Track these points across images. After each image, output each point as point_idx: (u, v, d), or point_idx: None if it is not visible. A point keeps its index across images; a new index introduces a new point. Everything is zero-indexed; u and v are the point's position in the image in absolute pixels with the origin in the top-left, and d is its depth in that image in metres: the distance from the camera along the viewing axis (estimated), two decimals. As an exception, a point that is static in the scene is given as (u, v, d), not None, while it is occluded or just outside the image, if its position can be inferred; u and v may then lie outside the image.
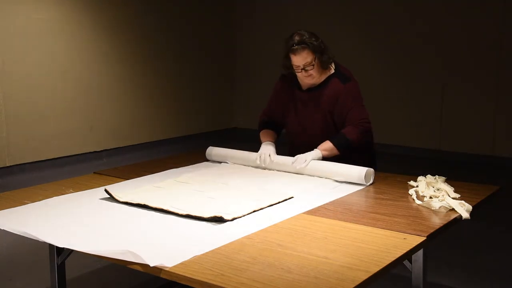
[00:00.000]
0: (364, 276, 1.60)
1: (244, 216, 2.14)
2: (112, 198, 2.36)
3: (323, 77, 2.94)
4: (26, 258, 3.68)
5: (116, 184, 2.65)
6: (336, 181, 2.64)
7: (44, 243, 2.01)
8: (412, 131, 6.78)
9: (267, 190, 2.49)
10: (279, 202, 2.32)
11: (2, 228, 2.06)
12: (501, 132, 6.21)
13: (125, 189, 2.50)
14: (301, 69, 2.86)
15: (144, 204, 2.25)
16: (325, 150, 2.83)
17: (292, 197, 2.40)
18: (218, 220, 2.07)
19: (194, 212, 2.14)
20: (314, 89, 2.96)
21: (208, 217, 2.08)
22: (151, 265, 1.67)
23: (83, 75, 6.28)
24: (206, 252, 1.77)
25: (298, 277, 1.60)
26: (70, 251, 2.29)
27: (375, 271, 1.64)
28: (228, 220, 2.08)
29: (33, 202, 2.36)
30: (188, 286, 1.63)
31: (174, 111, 7.36)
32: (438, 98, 6.55)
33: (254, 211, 2.19)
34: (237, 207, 2.21)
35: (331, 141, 2.84)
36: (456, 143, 6.49)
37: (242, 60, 8.09)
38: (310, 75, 2.87)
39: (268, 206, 2.26)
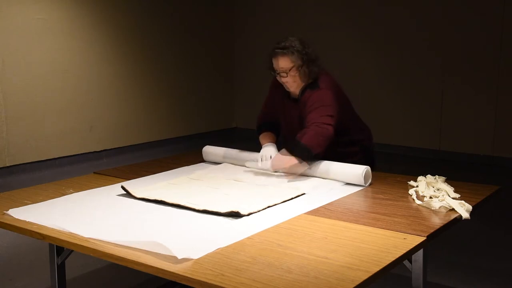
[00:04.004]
0: (364, 276, 1.60)
1: (259, 211, 2.20)
2: (128, 194, 2.42)
3: (300, 88, 2.89)
4: (26, 258, 3.68)
5: (130, 181, 2.69)
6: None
7: (43, 243, 2.01)
8: (412, 131, 6.78)
9: (280, 187, 2.53)
10: (292, 198, 2.37)
11: (28, 220, 2.11)
12: (501, 132, 6.21)
13: (140, 186, 2.55)
14: (277, 74, 2.84)
15: (161, 200, 2.30)
16: (288, 167, 2.64)
17: (304, 193, 2.45)
18: (235, 215, 2.13)
19: (211, 207, 2.19)
20: (295, 100, 2.93)
21: (225, 212, 2.14)
22: (179, 257, 1.71)
23: (83, 75, 6.28)
24: (207, 252, 1.77)
25: (298, 277, 1.60)
26: (70, 251, 2.30)
27: (375, 271, 1.64)
28: (244, 215, 2.13)
29: (35, 202, 2.36)
30: (188, 286, 1.63)
31: (174, 111, 7.37)
32: (438, 98, 6.55)
33: (269, 207, 2.25)
34: (252, 203, 2.26)
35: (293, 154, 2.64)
36: (456, 143, 6.49)
37: (242, 60, 8.09)
38: (286, 82, 2.84)
39: (282, 202, 2.32)
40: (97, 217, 2.16)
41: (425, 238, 1.90)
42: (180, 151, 5.94)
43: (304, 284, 1.55)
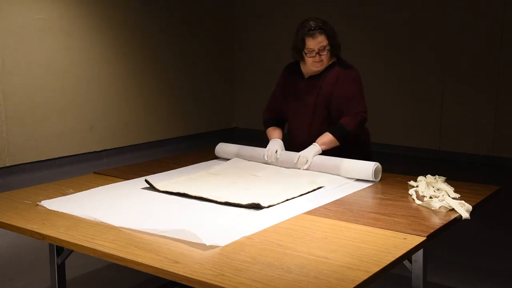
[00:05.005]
0: (364, 276, 1.60)
1: (278, 204, 2.28)
2: (152, 188, 2.50)
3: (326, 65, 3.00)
4: (26, 258, 3.68)
5: (152, 175, 2.76)
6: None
7: (44, 243, 2.01)
8: (412, 131, 6.78)
9: (298, 181, 2.59)
10: (309, 192, 2.44)
11: (61, 211, 2.21)
12: (501, 132, 6.21)
13: (161, 180, 2.62)
14: (316, 53, 2.91)
15: (184, 193, 2.39)
16: (324, 144, 2.85)
17: (322, 187, 2.51)
18: (256, 206, 2.21)
19: (232, 199, 2.28)
20: (316, 77, 3.00)
21: (246, 204, 2.23)
22: (207, 244, 1.80)
23: (83, 75, 6.28)
24: (207, 252, 1.77)
25: (298, 277, 1.60)
26: (70, 251, 2.30)
27: (375, 271, 1.64)
28: (265, 207, 2.21)
29: (35, 202, 2.36)
30: (188, 286, 1.63)
31: (174, 111, 7.37)
32: (438, 98, 6.55)
33: (287, 200, 2.33)
34: (271, 196, 2.34)
35: (331, 133, 2.87)
36: (456, 143, 6.48)
37: (242, 60, 8.09)
38: (322, 60, 2.93)
39: (300, 195, 2.39)
40: (126, 207, 2.25)
41: (425, 238, 1.90)
42: (180, 151, 5.94)
43: (304, 284, 1.55)
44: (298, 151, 2.86)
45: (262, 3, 7.82)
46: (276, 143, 2.99)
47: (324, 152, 2.85)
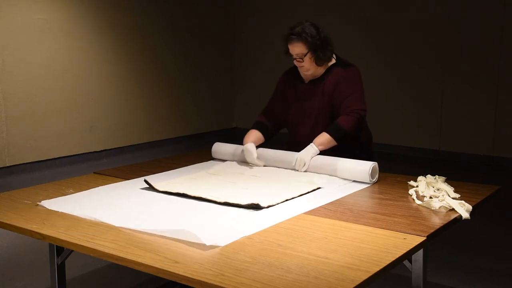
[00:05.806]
0: (364, 276, 1.60)
1: (277, 204, 2.28)
2: (151, 188, 2.50)
3: (324, 69, 2.97)
4: (26, 258, 3.68)
5: (151, 175, 2.76)
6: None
7: (44, 243, 2.01)
8: (412, 131, 6.78)
9: (297, 182, 2.60)
10: (308, 192, 2.46)
11: (61, 211, 2.21)
12: (501, 132, 6.21)
13: (161, 181, 2.63)
14: (294, 58, 2.93)
15: (183, 193, 2.39)
16: (321, 144, 2.81)
17: (320, 188, 2.52)
18: (255, 207, 2.22)
19: (232, 200, 2.29)
20: (316, 81, 2.99)
21: (246, 204, 2.23)
22: (207, 244, 1.80)
23: (83, 75, 6.28)
24: (207, 252, 1.78)
25: (298, 277, 1.60)
26: (70, 251, 2.30)
27: (375, 271, 1.64)
28: (264, 207, 2.22)
29: (36, 201, 2.37)
30: (188, 286, 1.63)
31: (174, 111, 7.37)
32: (438, 98, 6.56)
33: (287, 200, 2.34)
34: (271, 196, 2.36)
35: (328, 133, 2.83)
36: (456, 143, 6.49)
37: (242, 60, 8.09)
38: (302, 66, 2.92)
39: (298, 196, 2.40)
40: (126, 207, 2.26)
41: (425, 238, 1.90)
42: (180, 151, 5.94)
43: (304, 284, 1.55)
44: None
45: (262, 3, 7.82)
46: (250, 148, 2.93)
47: (325, 152, 2.82)
